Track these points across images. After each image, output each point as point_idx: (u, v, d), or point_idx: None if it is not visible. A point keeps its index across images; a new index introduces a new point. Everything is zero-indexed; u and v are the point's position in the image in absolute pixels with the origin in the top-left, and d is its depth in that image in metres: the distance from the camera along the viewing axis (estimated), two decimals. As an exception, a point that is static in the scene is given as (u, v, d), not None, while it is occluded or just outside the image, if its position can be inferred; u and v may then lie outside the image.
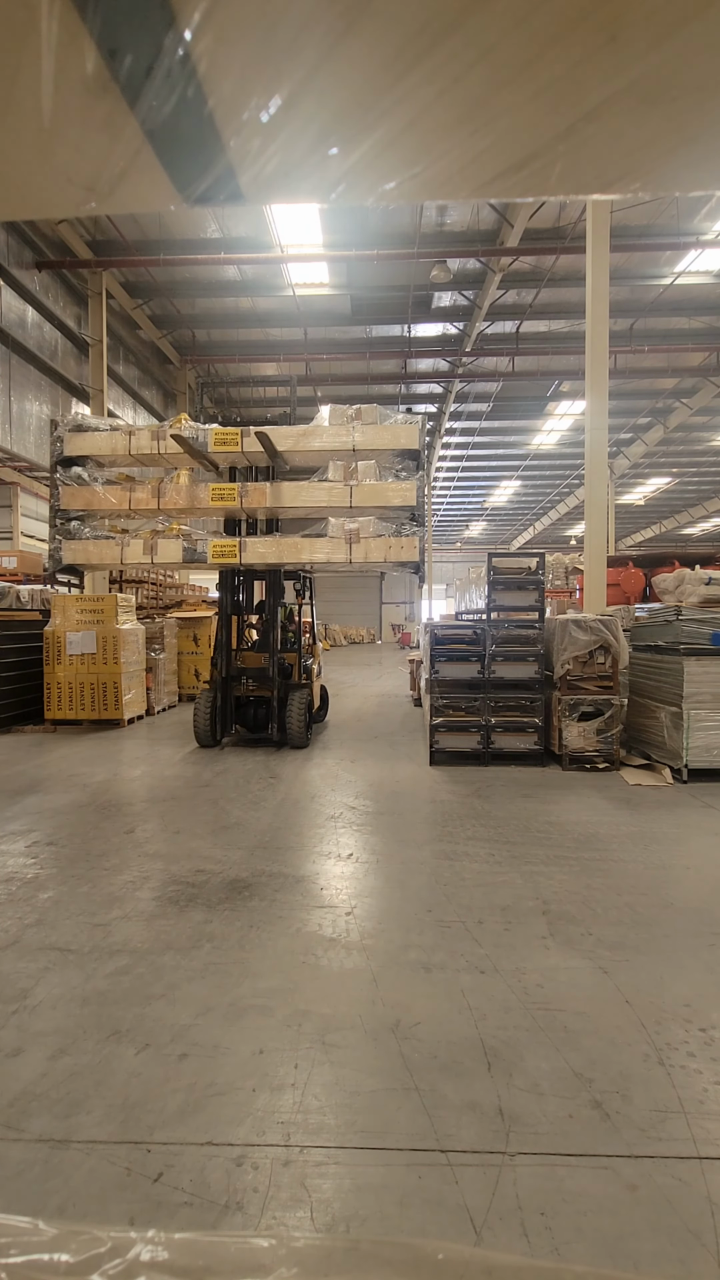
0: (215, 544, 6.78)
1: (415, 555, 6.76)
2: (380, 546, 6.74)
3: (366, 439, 6.74)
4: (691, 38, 0.48)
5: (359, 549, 6.74)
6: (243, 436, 6.63)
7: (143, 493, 6.88)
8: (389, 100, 0.53)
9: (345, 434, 6.71)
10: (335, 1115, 1.90)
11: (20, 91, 0.53)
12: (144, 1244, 0.43)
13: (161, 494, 6.83)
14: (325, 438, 6.75)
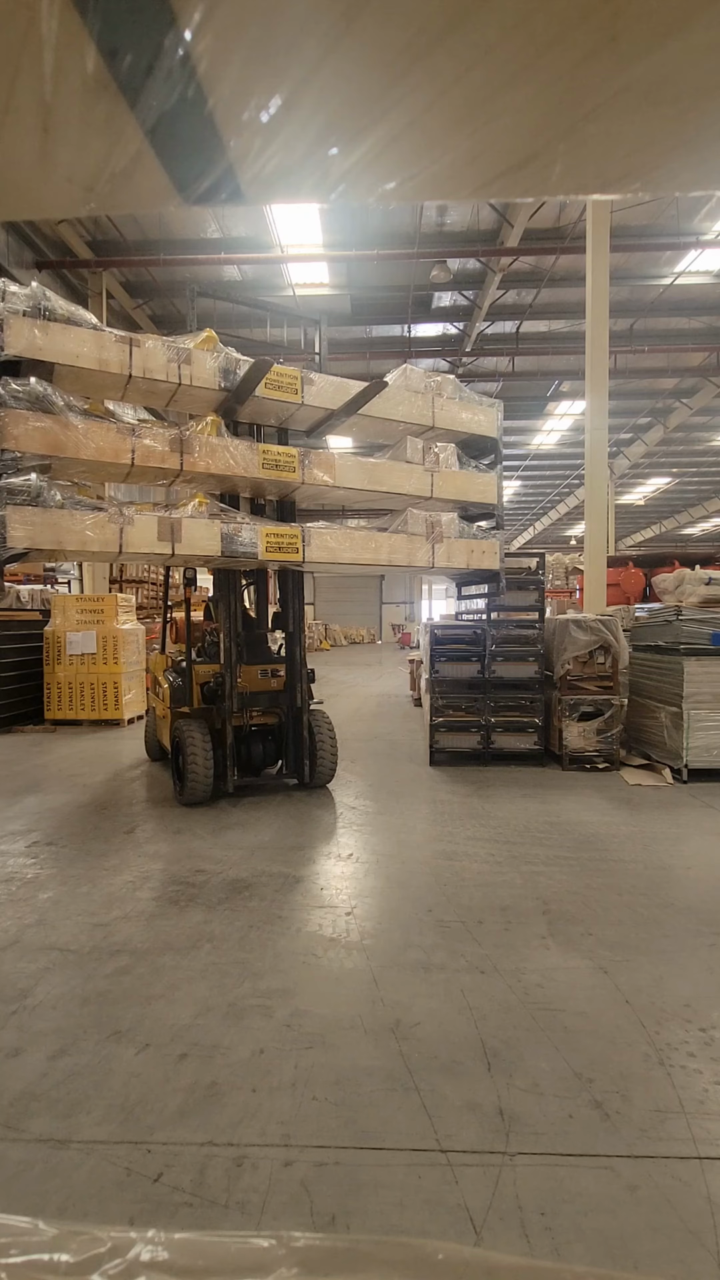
0: (269, 532, 4.61)
1: (496, 562, 5.70)
2: (463, 550, 5.48)
3: (447, 417, 5.46)
4: (691, 38, 0.48)
5: (441, 551, 5.37)
6: (303, 383, 4.75)
7: (155, 441, 4.23)
8: (389, 100, 0.53)
9: (425, 406, 5.36)
10: (335, 1115, 1.90)
11: (20, 91, 0.53)
12: (144, 1244, 0.42)
13: (186, 448, 4.33)
14: (404, 406, 5.24)
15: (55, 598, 9.36)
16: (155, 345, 4.29)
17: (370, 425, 5.38)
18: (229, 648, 4.94)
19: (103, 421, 4.15)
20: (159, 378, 4.26)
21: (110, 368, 4.12)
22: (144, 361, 4.23)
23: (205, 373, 4.44)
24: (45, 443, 3.88)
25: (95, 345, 4.07)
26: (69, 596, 9.47)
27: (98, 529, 4.04)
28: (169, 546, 4.30)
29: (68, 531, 3.93)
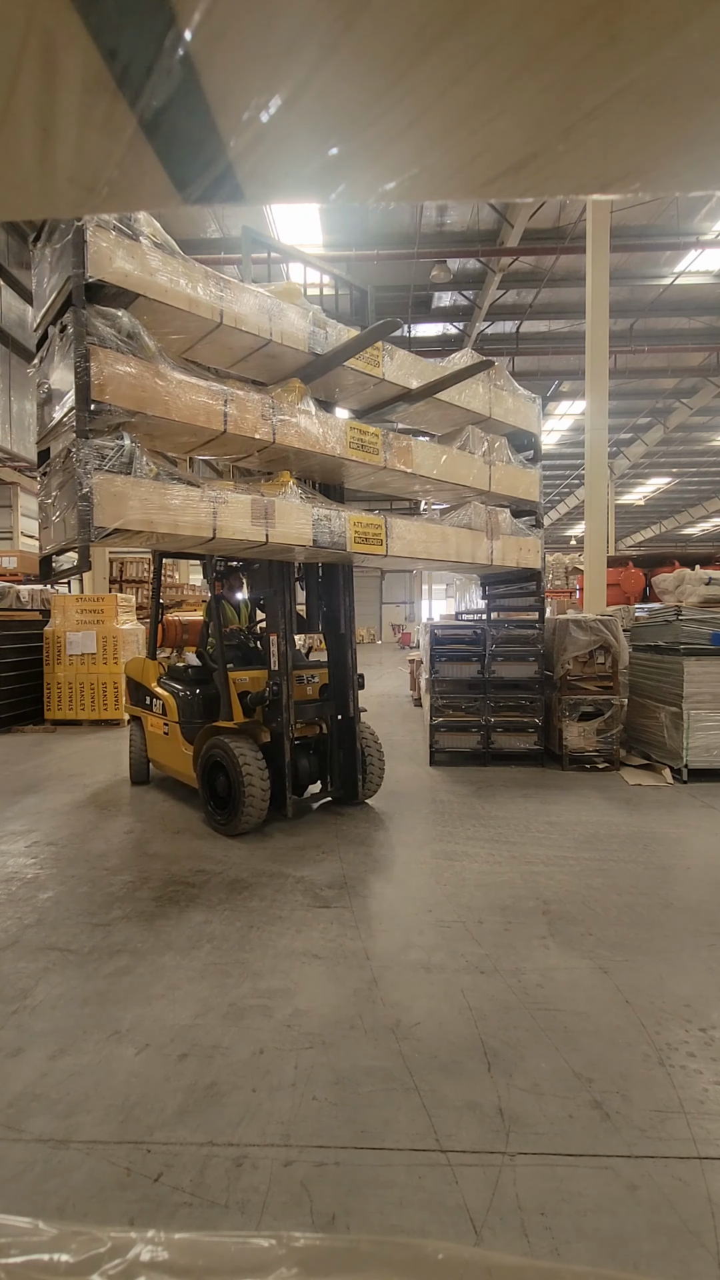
0: (357, 520, 4.13)
1: (538, 561, 5.48)
2: (514, 547, 5.23)
3: (501, 408, 5.20)
4: (691, 38, 0.48)
5: (498, 547, 5.06)
6: (384, 356, 4.32)
7: (248, 405, 3.57)
8: (389, 100, 0.53)
9: (485, 394, 5.09)
10: (335, 1115, 1.90)
11: (20, 91, 0.53)
12: (144, 1244, 0.43)
13: (277, 416, 3.70)
14: (466, 391, 4.89)
15: (55, 598, 9.37)
16: (247, 290, 3.65)
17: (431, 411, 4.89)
18: (284, 651, 4.32)
19: (194, 376, 3.40)
20: (249, 329, 3.58)
21: (200, 310, 3.37)
22: (235, 307, 3.53)
23: (295, 330, 3.81)
24: (135, 395, 3.11)
25: (187, 279, 3.36)
26: (69, 596, 9.47)
27: (191, 508, 3.32)
28: (263, 532, 3.63)
29: (160, 509, 3.18)
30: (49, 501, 3.46)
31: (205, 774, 4.47)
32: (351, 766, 4.78)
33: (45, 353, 3.41)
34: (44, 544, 3.58)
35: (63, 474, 3.24)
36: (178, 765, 4.98)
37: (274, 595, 4.41)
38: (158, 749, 5.33)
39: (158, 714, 5.23)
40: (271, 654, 4.39)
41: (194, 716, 4.88)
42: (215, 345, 3.77)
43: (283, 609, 4.39)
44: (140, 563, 13.05)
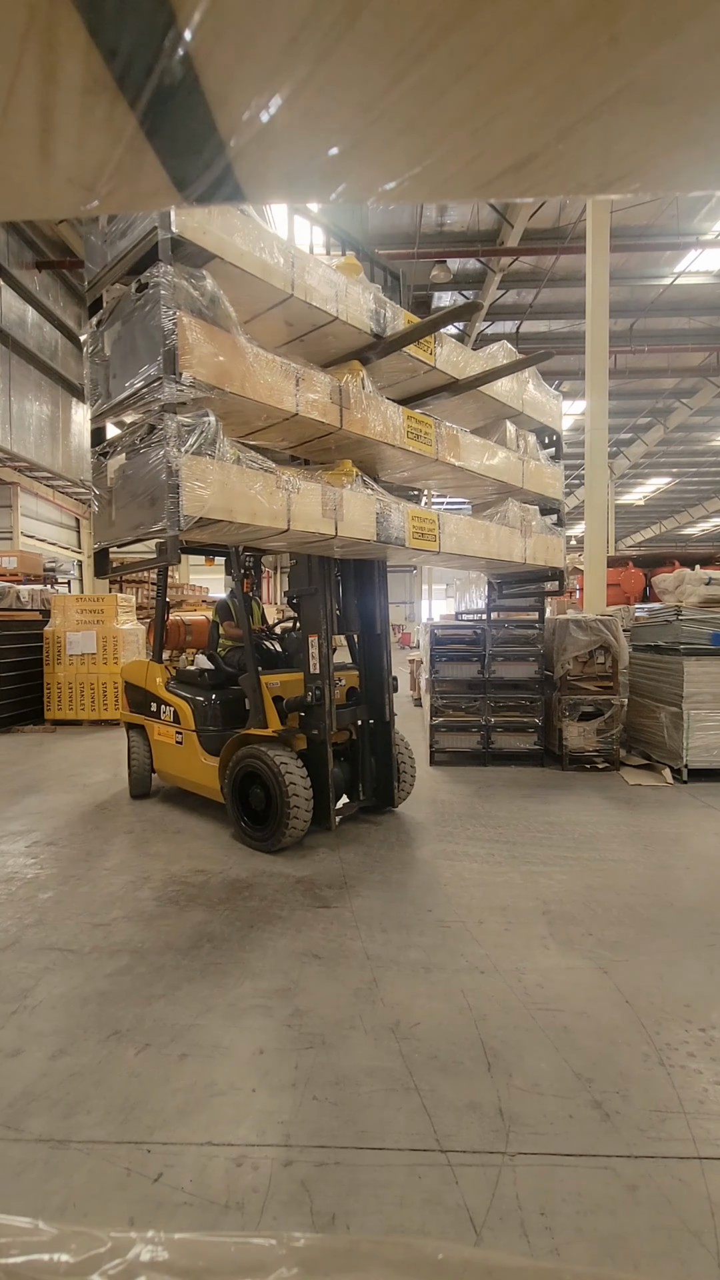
0: (415, 515, 3.93)
1: (562, 560, 5.29)
2: (542, 546, 5.02)
3: (533, 403, 5.02)
4: (691, 38, 0.48)
5: (530, 545, 4.88)
6: (437, 343, 4.07)
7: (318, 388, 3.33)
8: (389, 100, 0.53)
9: (519, 389, 4.91)
10: (335, 1115, 1.90)
11: (20, 91, 0.53)
12: (144, 1244, 0.43)
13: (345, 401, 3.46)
14: (505, 383, 4.70)
15: (55, 598, 9.37)
16: (317, 262, 3.36)
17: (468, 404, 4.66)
18: (325, 653, 4.07)
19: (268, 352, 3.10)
20: (317, 304, 3.30)
21: (273, 279, 3.09)
22: (307, 279, 3.25)
23: (359, 308, 3.54)
24: (216, 368, 2.82)
25: (264, 243, 3.09)
26: (69, 596, 9.47)
27: (269, 496, 3.04)
28: (332, 525, 3.36)
29: (241, 496, 2.92)
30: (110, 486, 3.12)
31: (236, 787, 4.16)
32: (387, 773, 4.61)
33: (107, 316, 3.06)
34: (101, 535, 3.21)
35: (134, 454, 2.92)
36: (195, 777, 4.64)
37: (313, 593, 4.11)
38: (168, 760, 4.93)
39: (167, 722, 4.89)
40: (311, 656, 4.10)
41: (214, 724, 4.57)
42: (272, 320, 3.47)
43: (324, 608, 4.11)
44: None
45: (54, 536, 19.15)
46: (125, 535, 3.03)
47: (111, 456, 3.17)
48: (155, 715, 5.03)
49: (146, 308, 2.76)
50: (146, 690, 5.13)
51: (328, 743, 4.08)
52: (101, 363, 3.11)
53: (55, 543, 18.94)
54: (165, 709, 4.93)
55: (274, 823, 3.94)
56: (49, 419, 11.70)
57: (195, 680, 4.88)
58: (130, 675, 5.41)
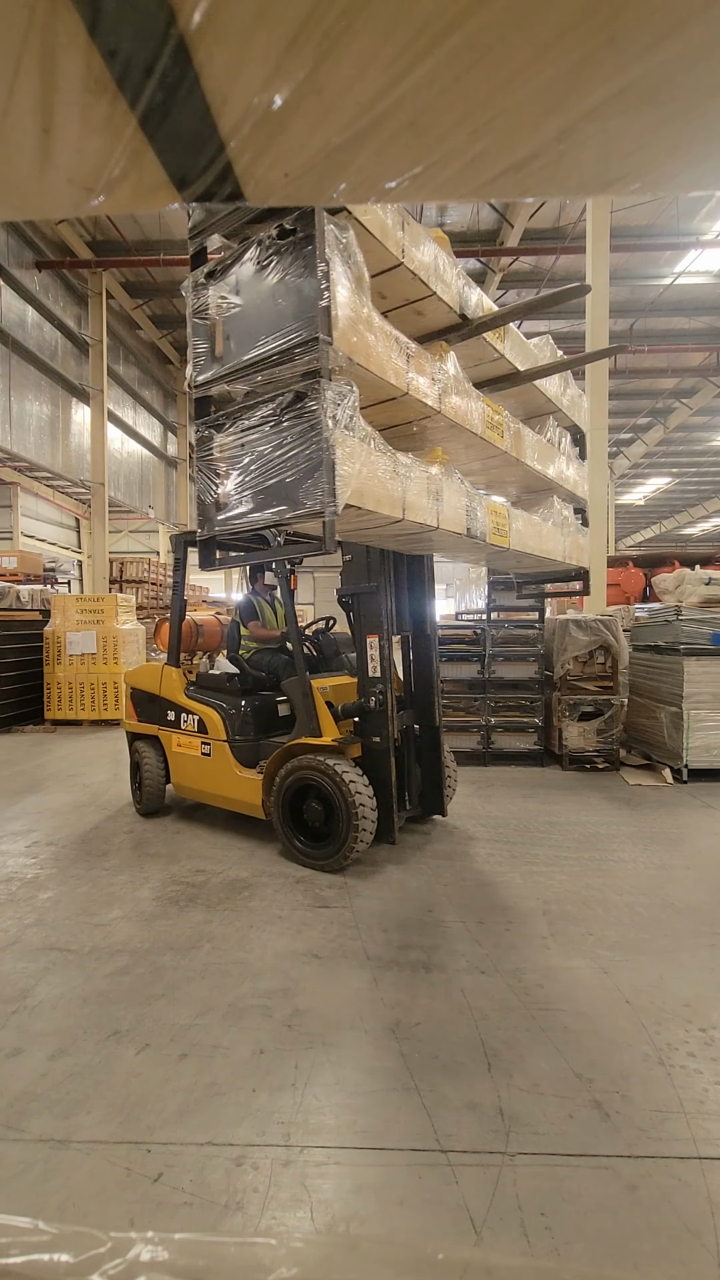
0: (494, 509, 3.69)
1: (587, 559, 5.12)
2: (575, 545, 4.87)
3: (570, 401, 4.88)
4: (691, 38, 0.48)
5: (568, 544, 4.68)
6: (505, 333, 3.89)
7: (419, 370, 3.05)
8: (389, 100, 0.53)
9: (563, 386, 4.81)
10: (335, 1115, 1.90)
11: (20, 91, 0.53)
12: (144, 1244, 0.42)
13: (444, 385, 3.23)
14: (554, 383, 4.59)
15: (55, 598, 9.37)
16: (424, 231, 3.08)
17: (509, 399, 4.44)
18: (387, 655, 3.84)
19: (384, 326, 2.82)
20: (421, 276, 3.06)
21: (388, 242, 2.85)
22: (414, 249, 2.98)
23: (451, 287, 3.27)
24: (348, 334, 2.57)
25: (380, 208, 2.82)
26: (69, 597, 9.48)
27: (392, 482, 2.78)
28: (434, 516, 3.06)
29: (371, 478, 2.63)
30: (224, 467, 2.77)
31: (288, 801, 3.86)
32: (437, 780, 4.39)
33: (220, 269, 2.74)
34: (210, 522, 2.82)
35: (259, 430, 2.61)
36: (228, 791, 4.27)
37: (373, 591, 3.86)
38: (190, 773, 4.52)
39: (189, 732, 4.49)
40: (370, 658, 3.88)
41: (249, 733, 4.29)
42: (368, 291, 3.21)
43: (385, 606, 3.88)
44: (140, 563, 13.05)
45: (54, 536, 19.16)
46: (257, 521, 2.65)
47: (223, 431, 2.78)
48: (174, 725, 4.63)
49: (289, 258, 2.43)
50: (162, 697, 4.71)
51: (390, 751, 3.84)
52: (208, 322, 2.75)
53: (55, 543, 18.95)
54: (188, 718, 4.53)
55: (337, 839, 3.66)
56: (49, 419, 11.70)
57: (223, 686, 4.53)
58: (139, 681, 4.96)
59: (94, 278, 12.22)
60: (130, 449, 15.16)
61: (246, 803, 4.16)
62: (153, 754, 4.74)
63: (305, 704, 3.93)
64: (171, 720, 4.65)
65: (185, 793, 4.65)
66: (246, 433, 2.66)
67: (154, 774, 4.69)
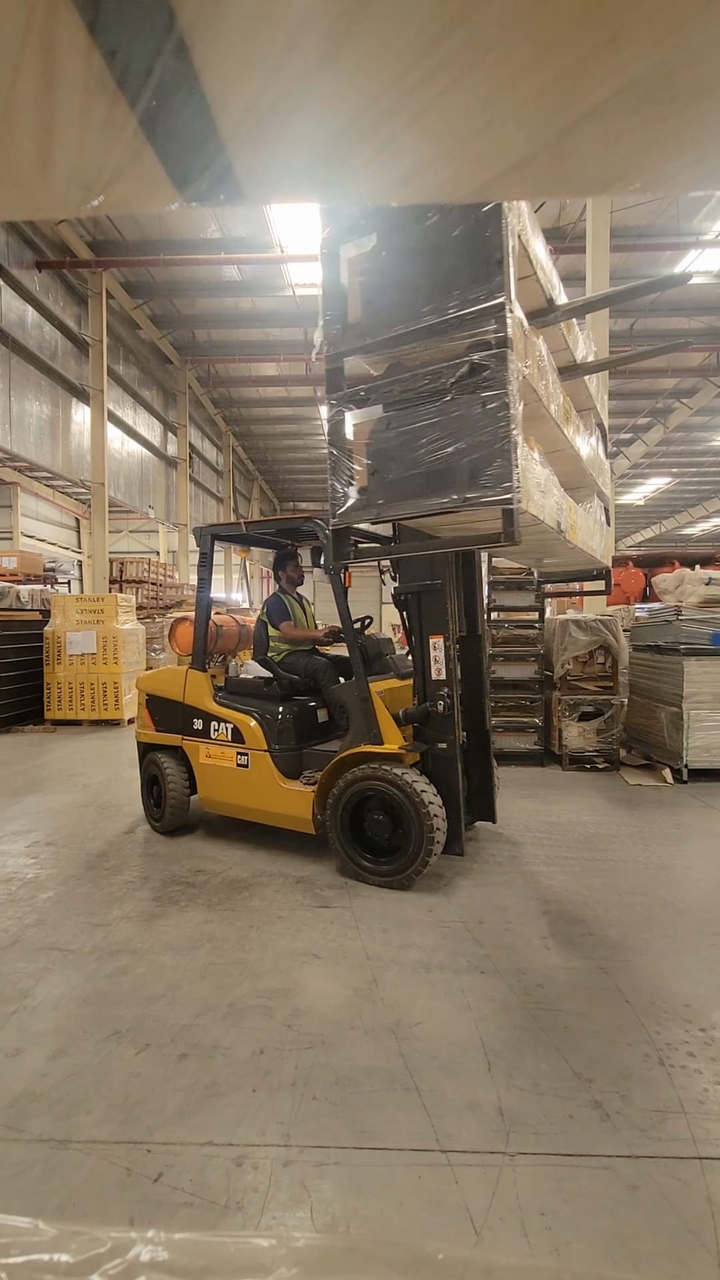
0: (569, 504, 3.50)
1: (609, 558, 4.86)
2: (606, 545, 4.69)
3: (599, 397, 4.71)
4: (691, 38, 0.48)
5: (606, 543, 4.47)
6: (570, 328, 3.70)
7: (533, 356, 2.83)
8: (389, 100, 0.53)
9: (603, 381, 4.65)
10: (335, 1115, 1.90)
11: (20, 91, 0.53)
12: (144, 1244, 0.42)
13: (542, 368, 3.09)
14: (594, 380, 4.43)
15: (55, 598, 9.37)
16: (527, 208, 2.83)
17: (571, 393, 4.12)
18: (451, 656, 3.65)
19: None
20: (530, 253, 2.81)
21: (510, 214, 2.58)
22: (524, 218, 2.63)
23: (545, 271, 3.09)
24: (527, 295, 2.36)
25: None
26: (69, 596, 9.48)
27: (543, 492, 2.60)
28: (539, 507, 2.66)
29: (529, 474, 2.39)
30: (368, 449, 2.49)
31: (348, 814, 3.61)
32: (487, 786, 4.23)
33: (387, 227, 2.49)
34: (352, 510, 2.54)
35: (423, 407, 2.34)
36: (271, 805, 3.97)
37: (437, 589, 3.66)
38: (223, 787, 4.18)
39: (221, 741, 4.17)
40: (433, 660, 3.67)
41: (290, 742, 4.03)
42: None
43: (449, 605, 3.68)
44: (140, 563, 13.05)
45: (54, 536, 19.15)
46: (419, 508, 2.39)
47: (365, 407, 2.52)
48: (201, 734, 4.28)
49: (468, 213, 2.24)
50: (187, 705, 4.35)
51: (457, 758, 3.64)
52: (342, 288, 2.55)
53: (55, 543, 18.95)
54: (219, 726, 4.19)
55: (408, 853, 3.44)
56: (49, 419, 11.70)
57: (260, 691, 4.22)
58: (158, 687, 4.57)
59: (94, 278, 12.22)
60: (130, 449, 15.16)
61: (292, 817, 3.88)
62: (175, 766, 4.36)
63: (364, 709, 3.69)
64: (198, 729, 4.30)
65: (215, 807, 4.32)
66: (402, 410, 2.37)
67: (178, 788, 4.31)
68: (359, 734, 3.72)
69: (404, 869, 3.46)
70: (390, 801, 3.50)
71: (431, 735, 3.68)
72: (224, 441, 21.14)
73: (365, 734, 3.69)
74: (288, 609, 4.49)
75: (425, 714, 3.69)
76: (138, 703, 4.69)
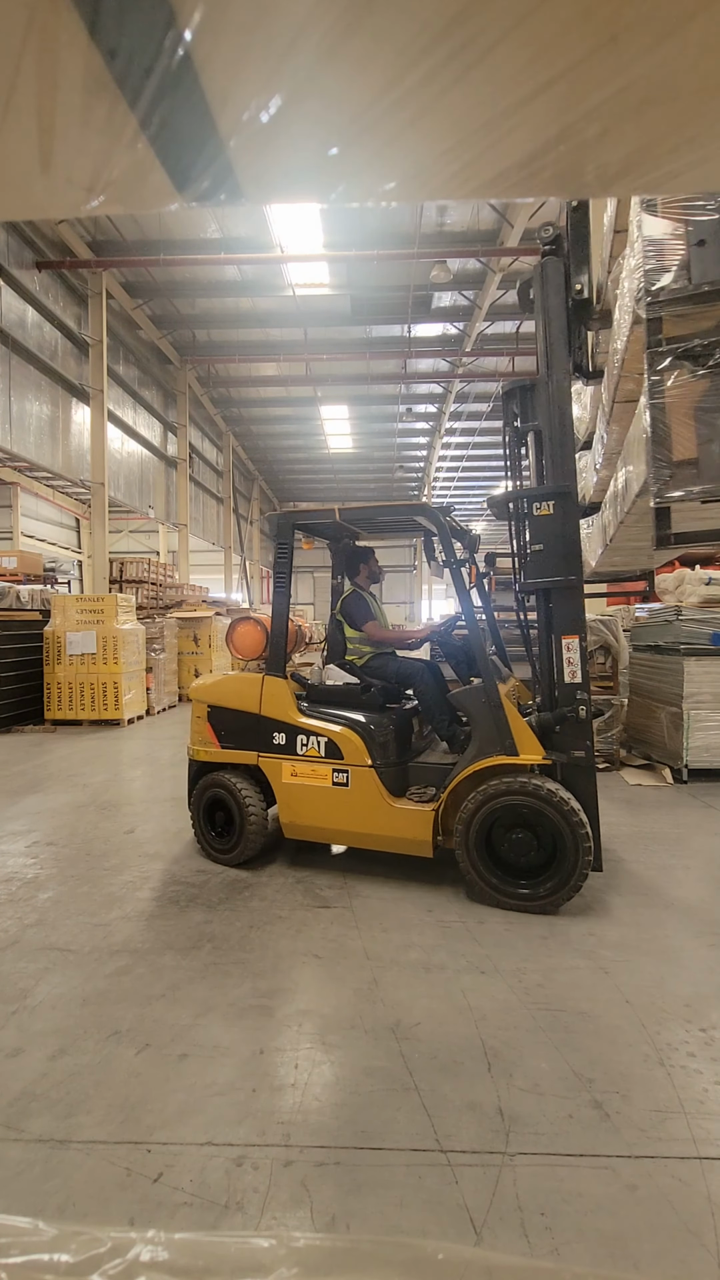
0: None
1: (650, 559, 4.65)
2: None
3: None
4: (691, 38, 0.48)
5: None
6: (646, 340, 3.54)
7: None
8: (389, 100, 0.53)
9: None
10: (335, 1115, 1.90)
11: (20, 91, 0.53)
12: (144, 1244, 0.42)
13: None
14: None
15: (55, 598, 9.37)
16: None
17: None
18: (585, 657, 3.40)
19: None
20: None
21: None
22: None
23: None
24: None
25: None
26: (69, 596, 9.48)
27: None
28: None
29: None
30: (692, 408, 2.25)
31: (483, 834, 3.28)
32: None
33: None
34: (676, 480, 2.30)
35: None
36: (379, 827, 3.55)
37: (572, 585, 3.45)
38: (317, 809, 3.69)
39: (312, 758, 3.69)
40: (567, 661, 3.40)
41: (396, 756, 3.70)
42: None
43: (583, 603, 3.50)
44: (140, 563, 13.05)
45: (54, 536, 19.15)
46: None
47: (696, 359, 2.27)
48: (284, 750, 3.76)
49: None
50: (264, 717, 3.82)
51: (594, 767, 3.39)
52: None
53: (55, 543, 18.95)
54: (309, 740, 3.71)
55: (561, 875, 3.15)
56: (49, 419, 11.70)
57: (354, 700, 3.83)
58: (225, 698, 3.97)
59: (94, 278, 12.22)
60: (130, 449, 15.16)
61: (406, 840, 3.51)
62: (252, 789, 3.84)
63: (495, 717, 3.34)
64: (279, 745, 3.78)
65: (301, 833, 3.81)
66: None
67: (259, 813, 3.80)
68: (488, 744, 3.36)
69: (557, 891, 3.16)
70: (531, 819, 3.22)
71: (565, 743, 3.37)
72: (224, 441, 21.14)
73: (498, 743, 3.33)
74: (371, 608, 4.14)
75: (562, 720, 3.38)
76: (194, 715, 4.11)
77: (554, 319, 3.37)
